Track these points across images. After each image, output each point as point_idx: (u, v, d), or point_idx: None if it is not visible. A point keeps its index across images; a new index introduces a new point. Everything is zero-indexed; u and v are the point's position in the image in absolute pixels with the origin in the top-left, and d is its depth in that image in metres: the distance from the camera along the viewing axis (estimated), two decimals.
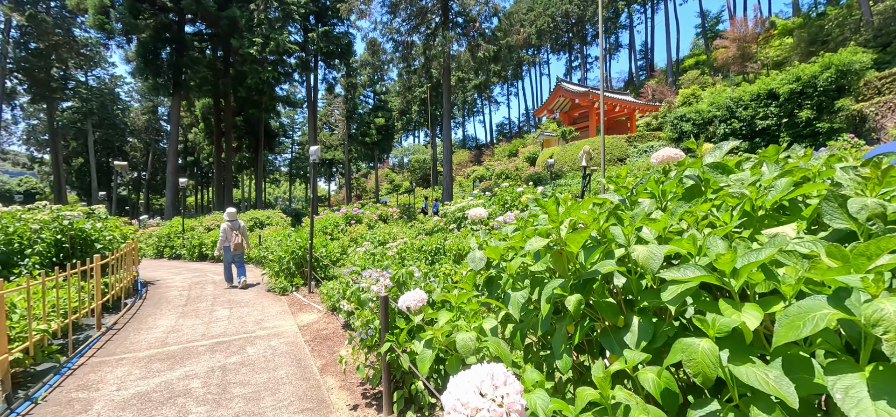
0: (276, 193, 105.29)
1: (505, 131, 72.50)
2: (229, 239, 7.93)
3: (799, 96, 15.81)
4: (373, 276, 3.43)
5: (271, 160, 60.27)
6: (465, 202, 9.07)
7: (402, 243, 7.11)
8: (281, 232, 10.48)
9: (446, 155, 19.73)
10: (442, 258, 6.70)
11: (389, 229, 10.32)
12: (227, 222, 8.08)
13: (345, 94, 46.29)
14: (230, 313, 6.10)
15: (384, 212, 17.32)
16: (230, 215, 8.26)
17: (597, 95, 30.63)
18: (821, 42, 26.47)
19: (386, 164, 78.23)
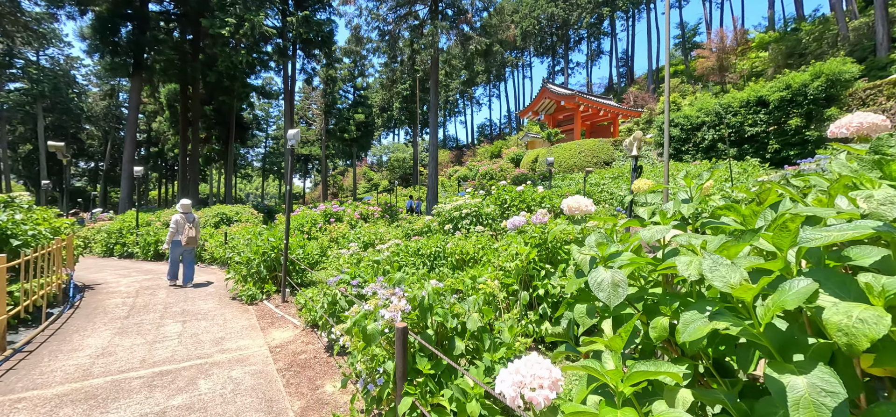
0: (248, 189, 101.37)
1: (486, 132, 72.16)
2: (181, 232, 7.03)
3: (789, 104, 15.79)
4: (380, 294, 2.46)
5: (243, 154, 57.53)
6: (462, 200, 8.16)
7: (395, 245, 6.13)
8: (251, 230, 9.25)
9: (432, 152, 18.77)
10: (442, 264, 5.76)
11: (374, 228, 9.28)
12: (180, 213, 7.12)
13: (324, 87, 44.59)
14: (182, 328, 4.95)
15: (365, 210, 16.21)
16: (184, 206, 7.15)
17: (582, 98, 30.47)
18: (798, 55, 27.16)
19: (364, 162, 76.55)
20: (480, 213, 8.05)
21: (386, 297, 2.33)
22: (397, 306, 2.13)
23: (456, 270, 5.70)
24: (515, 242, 4.68)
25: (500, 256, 4.71)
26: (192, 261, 7.54)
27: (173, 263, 7.26)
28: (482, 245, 5.89)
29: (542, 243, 4.36)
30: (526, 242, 4.41)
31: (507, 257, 4.56)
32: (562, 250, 4.36)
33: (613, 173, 16.18)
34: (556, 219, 4.69)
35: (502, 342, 2.44)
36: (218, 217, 12.37)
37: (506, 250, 4.69)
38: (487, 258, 5.69)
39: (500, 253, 4.75)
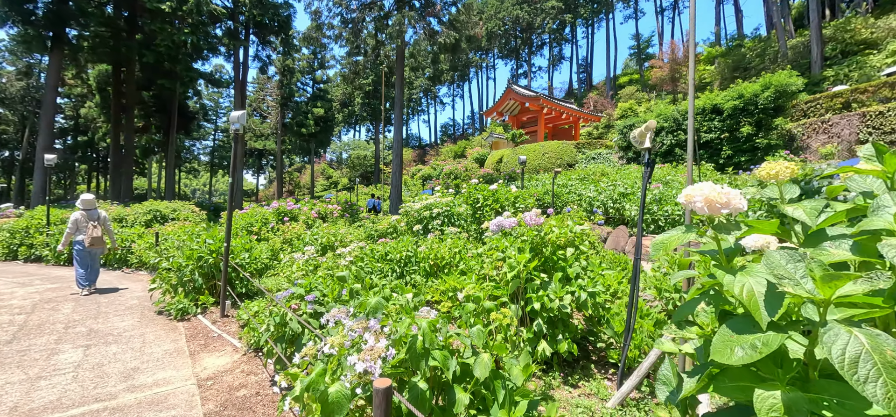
0: (195, 184, 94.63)
1: (449, 132, 71.90)
2: (82, 231, 5.99)
3: (741, 113, 16.55)
4: (348, 327, 1.70)
5: (189, 147, 53.26)
6: (432, 199, 7.48)
7: (358, 249, 5.34)
8: (187, 229, 8.03)
9: (396, 149, 17.92)
10: (414, 271, 5.06)
11: (333, 228, 8.38)
12: (80, 211, 6.06)
13: (280, 78, 42.17)
14: (83, 357, 3.88)
15: (324, 209, 15.13)
16: (85, 202, 6.01)
17: (546, 101, 30.79)
18: (743, 69, 29.02)
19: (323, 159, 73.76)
20: (452, 213, 7.42)
21: (356, 332, 1.61)
22: (375, 350, 1.42)
23: (429, 277, 5.03)
24: (501, 246, 4.08)
25: (484, 262, 4.09)
26: (97, 266, 6.47)
27: (81, 268, 6.15)
28: (458, 249, 5.25)
29: (537, 248, 3.78)
30: (519, 248, 3.82)
31: (492, 264, 3.94)
32: (556, 255, 3.81)
33: (580, 175, 16.17)
34: (549, 220, 4.14)
35: (515, 387, 1.80)
36: (150, 215, 10.73)
37: (490, 256, 4.07)
38: (466, 264, 5.06)
39: (484, 259, 4.12)
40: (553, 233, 3.71)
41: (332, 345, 1.56)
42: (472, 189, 8.81)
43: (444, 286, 4.73)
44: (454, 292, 4.65)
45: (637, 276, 3.12)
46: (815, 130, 16.29)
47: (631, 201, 10.47)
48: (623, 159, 22.04)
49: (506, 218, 4.35)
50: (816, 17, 23.61)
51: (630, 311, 3.10)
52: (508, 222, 3.90)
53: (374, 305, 1.78)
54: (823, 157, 14.70)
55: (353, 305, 2.15)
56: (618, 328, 3.65)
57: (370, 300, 1.81)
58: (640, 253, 3.19)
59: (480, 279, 4.06)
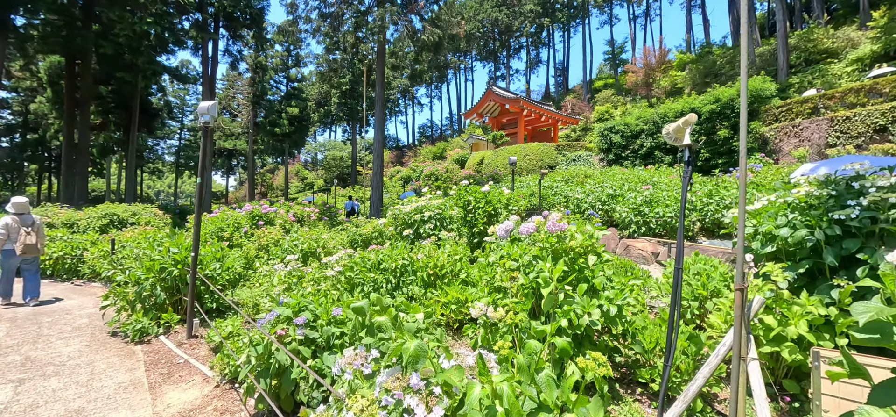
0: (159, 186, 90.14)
1: (427, 134, 71.40)
2: (13, 237, 5.34)
3: (718, 116, 16.90)
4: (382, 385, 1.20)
5: (152, 146, 50.41)
6: (423, 201, 7.00)
7: (346, 257, 4.81)
8: (148, 236, 7.22)
9: (377, 149, 17.29)
10: (411, 281, 4.57)
11: (314, 233, 7.75)
12: (10, 215, 5.41)
13: (252, 75, 40.53)
14: (13, 396, 3.18)
15: (300, 212, 14.36)
16: (17, 205, 5.33)
17: (526, 103, 30.86)
18: (714, 75, 30.00)
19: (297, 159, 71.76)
20: (444, 216, 6.96)
21: (391, 398, 1.13)
22: None
23: (428, 288, 4.55)
24: (514, 254, 3.66)
25: (497, 272, 3.65)
26: (36, 275, 5.80)
27: (7, 275, 5.42)
28: (458, 256, 4.80)
29: (558, 256, 3.38)
30: (535, 256, 3.40)
31: (505, 274, 3.51)
32: (577, 264, 3.42)
33: (564, 176, 16.07)
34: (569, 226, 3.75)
35: None
36: (105, 219, 9.63)
37: (502, 266, 3.64)
38: (469, 274, 4.62)
39: (497, 269, 3.69)
40: (576, 240, 3.32)
41: (358, 415, 1.08)
42: (462, 191, 8.38)
43: (444, 297, 4.27)
44: (458, 304, 4.19)
45: (678, 290, 2.76)
46: (787, 133, 16.86)
47: (620, 203, 10.33)
48: (603, 161, 22.23)
49: (523, 223, 3.94)
50: (782, 27, 24.63)
51: (671, 331, 2.74)
52: (527, 227, 3.48)
53: (413, 352, 1.29)
54: (798, 159, 15.19)
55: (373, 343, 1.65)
56: (647, 344, 3.30)
57: (408, 345, 1.31)
58: (682, 263, 2.84)
59: (493, 290, 3.62)
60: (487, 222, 7.86)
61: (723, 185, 9.95)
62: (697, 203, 9.25)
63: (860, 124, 15.04)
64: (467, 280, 4.59)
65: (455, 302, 4.23)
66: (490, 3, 46.76)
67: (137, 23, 16.46)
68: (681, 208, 2.85)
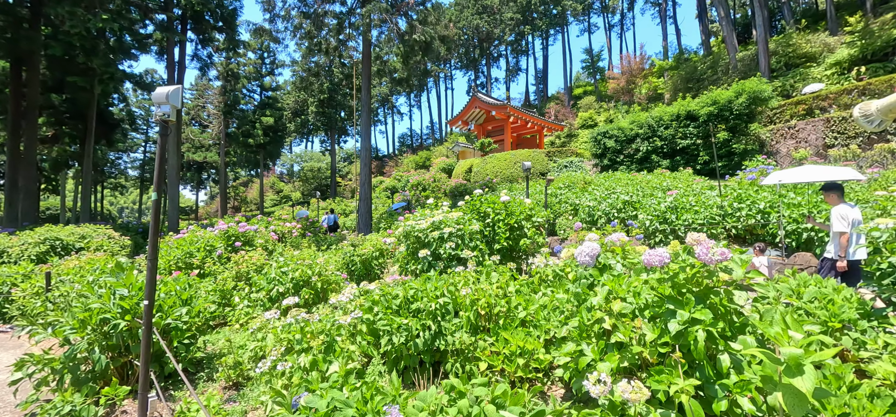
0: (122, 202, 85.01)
1: (407, 143, 70.22)
2: None
3: (716, 118, 16.56)
4: None
5: (114, 160, 47.06)
6: (439, 215, 5.85)
7: (361, 294, 3.63)
8: (97, 265, 5.79)
9: (364, 158, 16.02)
10: (454, 328, 3.41)
11: (305, 256, 6.46)
12: None
13: (223, 83, 38.42)
14: None
15: (280, 228, 12.92)
16: None
17: (513, 109, 30.23)
18: (696, 80, 30.28)
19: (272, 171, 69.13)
20: (464, 233, 5.84)
21: None
22: None
23: (478, 334, 3.41)
24: (620, 292, 2.58)
25: (590, 314, 2.54)
26: None
27: None
28: (517, 288, 3.68)
29: (704, 296, 2.29)
30: (664, 294, 2.32)
31: (622, 324, 2.42)
32: (723, 305, 2.37)
33: (564, 182, 15.25)
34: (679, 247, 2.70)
35: None
36: (45, 245, 7.93)
37: (611, 306, 2.54)
38: (527, 311, 3.50)
39: (592, 310, 2.58)
40: (733, 273, 2.26)
41: None
42: (477, 201, 7.32)
43: (504, 347, 3.14)
44: (524, 356, 3.07)
45: None
46: (783, 135, 16.70)
47: (642, 211, 9.48)
48: (597, 167, 21.67)
49: (656, 254, 2.87)
50: (763, 32, 25.00)
51: None
52: (657, 258, 2.40)
53: None
54: (799, 162, 14.93)
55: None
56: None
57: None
58: None
59: (594, 335, 2.51)
60: (510, 237, 6.81)
61: (753, 188, 9.25)
62: (728, 208, 8.51)
63: (857, 124, 14.93)
64: (527, 320, 3.47)
65: (521, 353, 3.10)
66: (471, 10, 46.38)
67: (91, 20, 14.66)
68: None
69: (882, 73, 20.16)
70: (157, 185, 3.05)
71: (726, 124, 16.34)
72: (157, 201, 3.09)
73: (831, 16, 29.68)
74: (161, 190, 3.06)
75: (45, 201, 49.99)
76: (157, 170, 3.05)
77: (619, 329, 2.39)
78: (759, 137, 16.70)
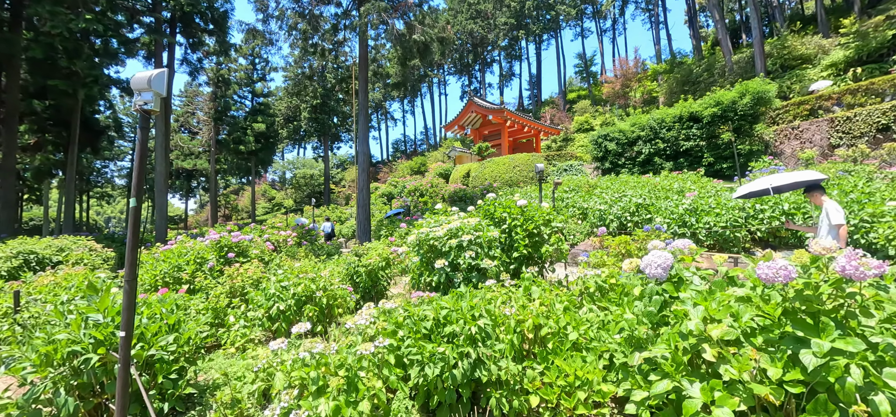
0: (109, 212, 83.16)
1: (401, 148, 69.72)
2: None
3: (720, 119, 16.33)
4: None
5: (101, 168, 45.81)
6: (456, 222, 5.34)
7: (382, 316, 3.10)
8: (73, 282, 5.18)
9: (362, 163, 15.48)
10: (498, 355, 2.89)
11: (307, 268, 5.90)
12: None
13: (214, 89, 37.63)
14: None
15: (275, 237, 12.32)
16: None
17: (510, 114, 29.94)
18: (692, 83, 30.28)
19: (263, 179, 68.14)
20: (483, 241, 5.33)
21: None
22: None
23: (525, 362, 2.90)
24: (714, 312, 2.09)
25: (688, 343, 2.05)
26: None
27: None
28: (564, 305, 3.18)
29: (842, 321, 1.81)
30: (794, 317, 1.84)
31: (741, 359, 1.93)
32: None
33: (570, 186, 14.86)
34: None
35: None
36: (18, 259, 7.22)
37: (700, 332, 2.05)
38: (576, 332, 3.01)
39: (687, 337, 2.08)
40: None
41: None
42: (491, 205, 6.83)
43: (561, 376, 2.63)
44: (584, 387, 2.57)
45: None
46: (787, 136, 16.51)
47: (658, 213, 9.07)
48: (598, 170, 21.34)
49: (777, 266, 2.39)
50: (759, 34, 25.04)
51: None
52: (780, 272, 1.90)
53: None
54: (805, 161, 14.72)
55: None
56: None
57: None
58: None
59: (683, 367, 2.01)
60: (529, 243, 6.32)
61: None
62: (750, 209, 8.14)
63: (862, 124, 14.77)
64: (581, 345, 2.97)
65: (581, 385, 2.60)
66: (464, 15, 46.22)
67: (74, 20, 13.94)
68: None
69: (878, 73, 20.19)
70: (135, 189, 2.50)
71: (731, 125, 16.11)
72: (136, 208, 2.53)
73: (822, 19, 29.97)
74: (141, 195, 2.51)
75: (28, 211, 48.47)
76: (136, 171, 2.51)
77: (730, 362, 1.89)
78: (763, 138, 16.50)
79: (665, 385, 2.03)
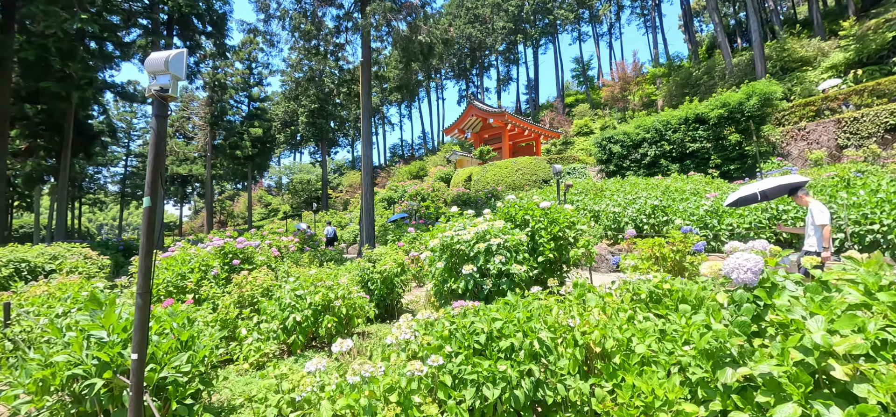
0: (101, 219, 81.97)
1: (399, 153, 69.46)
2: None
3: (727, 121, 16.18)
4: None
5: (93, 174, 45.05)
6: (483, 224, 5.01)
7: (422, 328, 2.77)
8: (68, 292, 4.80)
9: (366, 166, 15.14)
10: (564, 372, 2.58)
11: (324, 275, 5.52)
12: None
13: (210, 94, 37.17)
14: None
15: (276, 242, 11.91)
16: None
17: (511, 117, 29.78)
18: (692, 86, 30.28)
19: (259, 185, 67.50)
20: (511, 244, 5.01)
21: None
22: None
23: (591, 379, 2.57)
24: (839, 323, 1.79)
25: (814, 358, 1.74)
26: None
27: None
28: (628, 313, 2.86)
29: None
30: None
31: (884, 378, 1.61)
32: None
33: (578, 188, 14.60)
34: None
35: None
36: (8, 269, 6.76)
37: (835, 345, 1.74)
38: (638, 342, 2.70)
39: (814, 350, 1.77)
40: None
41: None
42: (513, 208, 6.53)
43: (637, 396, 2.31)
44: (666, 407, 2.25)
45: None
46: (793, 137, 16.40)
47: (677, 215, 8.79)
48: (602, 173, 21.13)
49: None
50: (758, 37, 25.09)
51: None
52: None
53: None
54: (814, 162, 14.59)
55: None
56: None
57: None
58: None
59: (803, 385, 1.69)
60: (555, 247, 6.00)
61: None
62: (774, 210, 7.89)
63: (870, 124, 14.67)
64: (649, 360, 2.65)
65: (662, 405, 2.28)
66: (463, 19, 46.19)
67: (69, 20, 13.51)
68: None
69: (878, 75, 20.21)
70: (150, 185, 2.16)
71: (738, 127, 15.96)
72: (151, 209, 2.18)
73: (817, 22, 30.17)
74: (157, 193, 2.16)
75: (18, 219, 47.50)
76: (152, 165, 2.16)
77: (872, 381, 1.58)
78: (770, 139, 16.37)
79: (792, 411, 1.71)
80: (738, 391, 2.22)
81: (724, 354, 2.36)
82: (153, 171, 2.11)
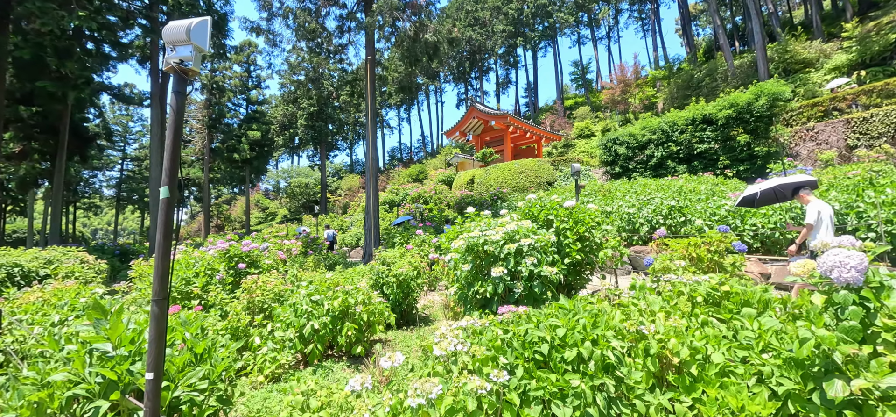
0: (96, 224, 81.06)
1: (398, 156, 69.12)
2: None
3: (735, 121, 16.00)
4: None
5: (88, 178, 44.39)
6: (511, 224, 4.71)
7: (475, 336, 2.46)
8: (65, 299, 4.45)
9: (371, 168, 14.83)
10: (632, 379, 2.25)
11: (341, 280, 5.19)
12: None
13: (208, 97, 36.79)
14: None
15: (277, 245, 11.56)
16: None
17: (513, 119, 29.56)
18: (693, 88, 30.20)
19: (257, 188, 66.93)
20: (538, 246, 4.70)
21: None
22: None
23: (668, 393, 2.26)
24: None
25: None
26: None
27: None
28: (702, 319, 2.56)
29: None
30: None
31: None
32: None
33: (588, 190, 14.33)
34: None
35: None
36: (1, 273, 6.40)
37: None
38: (711, 350, 2.40)
39: None
40: None
41: None
42: (535, 208, 6.23)
43: (725, 413, 2.01)
44: None
45: None
46: (802, 137, 16.24)
47: (696, 216, 8.53)
48: (607, 174, 20.89)
49: None
50: (761, 39, 25.02)
51: None
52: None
53: None
54: (825, 163, 14.40)
55: None
56: None
57: None
58: None
59: None
60: (581, 248, 5.70)
61: None
62: (797, 210, 7.65)
63: (880, 124, 14.51)
64: (724, 369, 2.35)
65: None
66: (462, 22, 46.07)
67: (66, 17, 13.13)
68: None
69: (882, 76, 20.15)
70: (168, 173, 1.84)
71: (746, 127, 15.78)
72: (169, 201, 1.86)
73: (817, 24, 30.25)
74: (175, 181, 1.85)
75: (11, 223, 46.73)
76: (169, 149, 1.84)
77: None
78: (779, 139, 16.19)
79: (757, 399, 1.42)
80: (845, 405, 1.95)
81: (821, 363, 2.08)
82: (172, 154, 1.80)
